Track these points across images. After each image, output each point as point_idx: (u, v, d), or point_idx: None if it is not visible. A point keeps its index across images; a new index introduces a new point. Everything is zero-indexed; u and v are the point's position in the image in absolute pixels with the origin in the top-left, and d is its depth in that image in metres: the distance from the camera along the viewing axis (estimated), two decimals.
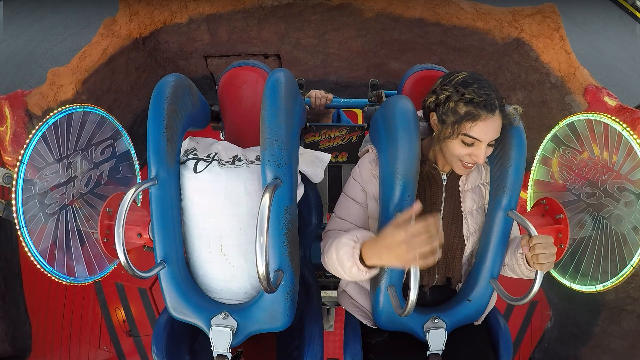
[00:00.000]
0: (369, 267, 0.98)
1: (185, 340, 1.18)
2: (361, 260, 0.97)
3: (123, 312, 3.01)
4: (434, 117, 1.08)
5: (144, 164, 1.21)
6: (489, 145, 1.05)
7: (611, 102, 2.35)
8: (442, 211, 1.15)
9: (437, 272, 1.18)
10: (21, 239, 1.09)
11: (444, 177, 1.15)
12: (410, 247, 0.85)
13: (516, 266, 1.10)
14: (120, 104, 3.16)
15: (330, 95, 1.68)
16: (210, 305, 1.08)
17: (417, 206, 0.88)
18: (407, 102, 1.10)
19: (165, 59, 3.46)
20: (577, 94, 2.57)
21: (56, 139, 1.19)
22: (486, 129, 1.01)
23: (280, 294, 1.03)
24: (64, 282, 1.17)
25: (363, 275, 0.99)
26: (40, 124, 1.15)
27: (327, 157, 1.27)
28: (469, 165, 1.07)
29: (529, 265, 1.05)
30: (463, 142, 1.03)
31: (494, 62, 3.06)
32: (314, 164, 1.23)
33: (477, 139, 1.02)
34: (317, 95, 1.67)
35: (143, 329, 3.04)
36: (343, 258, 0.99)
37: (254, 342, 1.11)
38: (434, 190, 1.14)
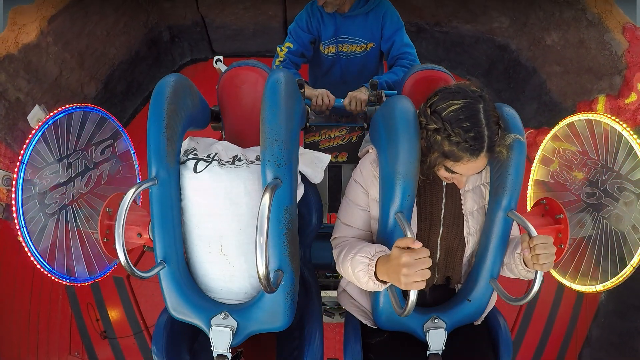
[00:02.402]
0: (384, 281, 1.00)
1: (185, 340, 1.18)
2: (376, 274, 1.00)
3: (96, 309, 2.55)
4: (422, 133, 1.06)
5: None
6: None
7: None
8: (442, 212, 1.15)
9: (437, 272, 1.18)
10: (21, 238, 1.09)
11: None
12: (411, 271, 0.86)
13: (514, 266, 1.10)
14: (94, 52, 2.75)
15: (332, 102, 1.67)
16: (210, 305, 1.08)
17: (418, 244, 0.88)
18: (407, 103, 1.10)
19: (148, 1, 3.05)
20: (616, 32, 2.39)
21: (56, 139, 1.19)
22: (468, 169, 1.02)
23: (280, 294, 1.03)
24: (64, 282, 1.17)
25: (379, 287, 1.02)
26: (40, 124, 1.15)
27: (326, 157, 1.26)
28: (451, 182, 1.10)
29: (526, 265, 1.05)
30: (446, 170, 1.05)
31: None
32: (313, 164, 1.23)
33: (458, 173, 1.04)
34: (319, 104, 1.66)
35: (120, 329, 2.58)
36: (359, 275, 1.02)
37: (254, 342, 1.11)
38: (434, 191, 1.14)
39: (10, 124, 2.35)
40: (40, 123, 1.15)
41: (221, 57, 1.76)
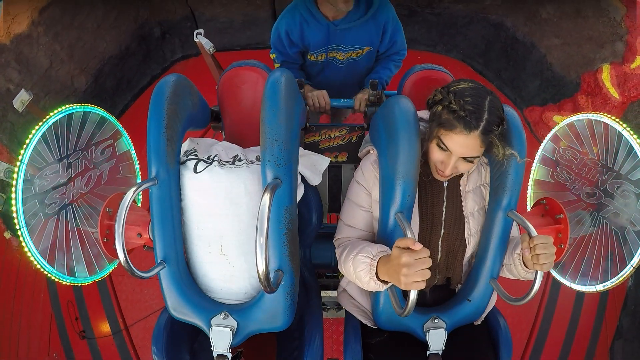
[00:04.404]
0: (385, 281, 1.00)
1: (185, 341, 1.18)
2: (377, 274, 1.00)
3: (76, 307, 2.50)
4: (430, 114, 1.08)
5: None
6: (466, 160, 1.03)
7: None
8: (443, 213, 1.14)
9: (437, 273, 1.18)
10: (21, 238, 1.09)
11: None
12: (411, 271, 0.86)
13: (513, 267, 1.10)
14: (84, 45, 2.78)
15: (328, 104, 1.65)
16: (210, 305, 1.08)
17: (418, 244, 0.87)
18: (407, 103, 1.10)
19: None
20: None
21: (56, 139, 1.19)
22: (459, 143, 1.00)
23: (280, 294, 1.03)
24: (64, 282, 1.17)
25: (380, 287, 1.02)
26: (40, 123, 1.15)
27: (326, 161, 1.26)
28: (441, 172, 1.07)
29: (525, 266, 1.05)
30: (438, 145, 1.03)
31: None
32: (313, 167, 1.23)
33: (448, 148, 1.02)
34: (315, 105, 1.64)
35: (99, 328, 2.53)
36: (361, 274, 1.02)
37: (254, 342, 1.11)
38: (435, 192, 1.14)
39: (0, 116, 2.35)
40: (38, 126, 1.15)
41: (201, 31, 1.71)
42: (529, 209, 1.45)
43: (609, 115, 1.23)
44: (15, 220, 1.09)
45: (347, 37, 1.63)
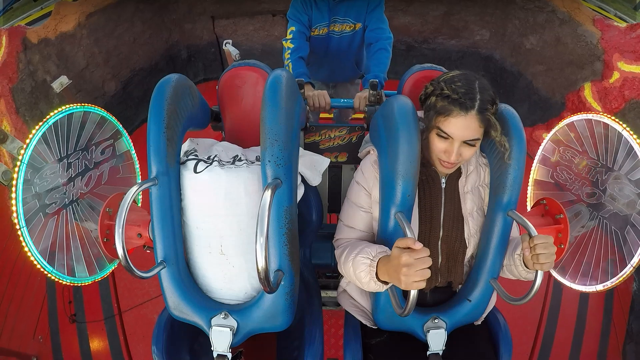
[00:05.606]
0: (385, 282, 1.00)
1: (185, 341, 1.18)
2: (377, 275, 1.00)
3: (71, 291, 2.49)
4: (425, 109, 1.11)
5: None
6: (467, 144, 1.03)
7: (621, 24, 2.53)
8: (442, 214, 1.14)
9: (439, 275, 1.18)
10: (21, 238, 1.09)
11: (443, 179, 1.15)
12: (411, 271, 0.86)
13: (513, 267, 1.10)
14: (120, 54, 3.12)
15: (328, 104, 1.68)
16: (211, 305, 1.08)
17: (418, 244, 0.88)
18: (407, 102, 1.10)
19: (171, 21, 3.51)
20: (587, 25, 2.66)
21: (56, 139, 1.19)
22: (458, 126, 1.01)
23: (280, 294, 1.03)
24: (64, 282, 1.17)
25: (380, 288, 1.02)
26: (41, 123, 1.15)
27: (326, 161, 1.26)
28: (446, 163, 1.07)
29: (526, 266, 1.05)
30: (438, 135, 1.05)
31: (500, 12, 3.26)
32: (312, 167, 1.23)
33: (449, 135, 1.02)
34: (315, 105, 1.68)
35: (91, 313, 2.49)
36: (361, 275, 1.02)
37: (254, 342, 1.11)
38: (433, 193, 1.14)
39: (32, 103, 2.54)
40: (38, 126, 1.15)
41: (230, 40, 1.90)
42: (529, 209, 1.45)
43: (609, 115, 1.23)
44: (16, 221, 1.09)
45: (342, 9, 1.95)
